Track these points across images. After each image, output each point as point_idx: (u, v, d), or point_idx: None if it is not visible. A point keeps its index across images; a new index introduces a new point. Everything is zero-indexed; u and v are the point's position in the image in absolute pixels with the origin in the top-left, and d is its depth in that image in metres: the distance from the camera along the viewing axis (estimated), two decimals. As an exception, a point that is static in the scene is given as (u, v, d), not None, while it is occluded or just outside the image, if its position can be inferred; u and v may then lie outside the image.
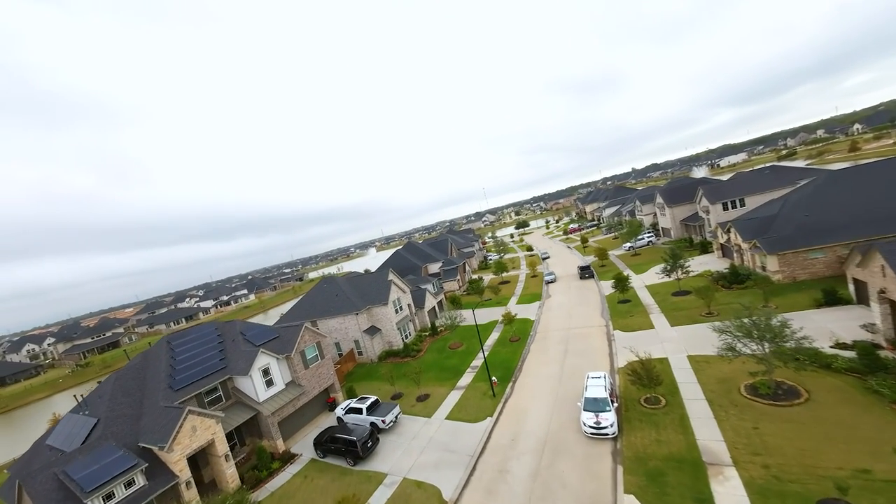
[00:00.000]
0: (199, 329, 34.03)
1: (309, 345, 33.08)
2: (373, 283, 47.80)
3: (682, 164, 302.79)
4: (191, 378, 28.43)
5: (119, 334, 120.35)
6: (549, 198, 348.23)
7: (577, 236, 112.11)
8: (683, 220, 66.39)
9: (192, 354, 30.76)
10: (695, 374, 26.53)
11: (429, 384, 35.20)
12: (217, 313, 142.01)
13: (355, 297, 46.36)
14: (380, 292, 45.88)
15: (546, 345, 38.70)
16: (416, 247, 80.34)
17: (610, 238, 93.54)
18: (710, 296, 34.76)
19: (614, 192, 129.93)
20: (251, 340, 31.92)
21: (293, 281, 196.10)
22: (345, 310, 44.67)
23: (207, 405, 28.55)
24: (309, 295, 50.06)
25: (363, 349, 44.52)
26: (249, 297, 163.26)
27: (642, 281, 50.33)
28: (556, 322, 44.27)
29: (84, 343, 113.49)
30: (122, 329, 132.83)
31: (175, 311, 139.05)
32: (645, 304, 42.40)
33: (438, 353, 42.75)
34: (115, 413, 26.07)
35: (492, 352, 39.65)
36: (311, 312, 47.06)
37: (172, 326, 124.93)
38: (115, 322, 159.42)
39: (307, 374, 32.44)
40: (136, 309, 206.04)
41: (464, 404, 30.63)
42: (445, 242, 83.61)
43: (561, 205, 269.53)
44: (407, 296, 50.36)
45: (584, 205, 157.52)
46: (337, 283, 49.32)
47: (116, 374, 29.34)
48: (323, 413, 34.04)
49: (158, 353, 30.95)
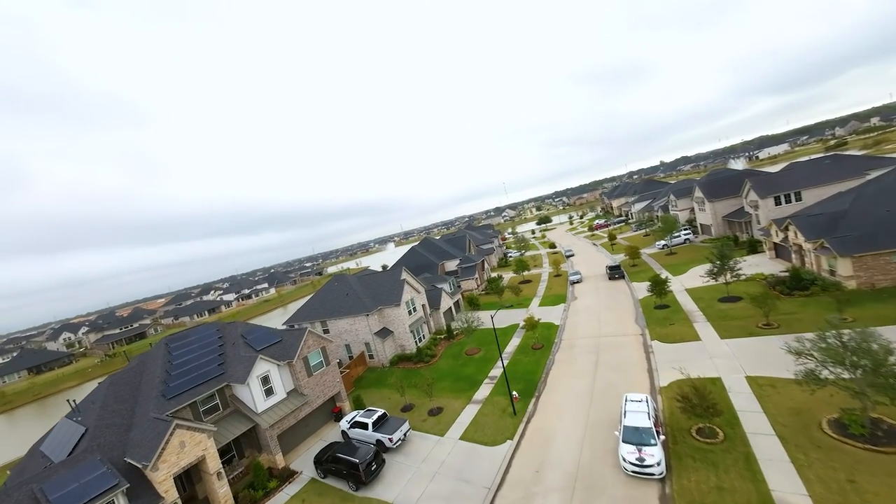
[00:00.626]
0: (199, 330, 32.12)
1: (313, 350, 30.56)
2: (385, 282, 45.03)
3: (716, 157, 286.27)
4: (185, 385, 26.37)
5: (146, 325, 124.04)
6: (572, 192, 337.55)
7: (603, 233, 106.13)
8: (726, 216, 60.27)
9: (190, 359, 28.76)
10: (758, 401, 22.18)
11: (442, 395, 32.12)
12: (238, 307, 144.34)
13: (366, 297, 43.73)
14: (392, 292, 43.05)
15: (573, 354, 34.82)
16: (433, 243, 77.25)
17: (640, 235, 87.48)
18: (768, 304, 29.90)
19: (644, 186, 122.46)
20: (251, 344, 29.68)
21: (312, 275, 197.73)
22: (355, 310, 42.13)
23: (203, 414, 26.46)
24: (319, 293, 47.85)
25: (374, 352, 41.91)
26: (270, 290, 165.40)
27: (681, 283, 45.34)
28: (584, 328, 40.17)
29: (113, 333, 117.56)
30: (149, 320, 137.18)
31: (199, 303, 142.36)
32: (686, 310, 37.70)
33: (454, 359, 39.58)
34: (105, 422, 24.25)
35: (512, 360, 36.12)
36: (321, 312, 44.82)
37: (196, 318, 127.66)
38: (145, 313, 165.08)
39: (311, 383, 29.94)
40: (166, 300, 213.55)
41: (480, 422, 27.35)
42: (463, 239, 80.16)
43: (585, 200, 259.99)
44: (421, 296, 47.37)
45: (610, 200, 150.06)
46: (348, 281, 46.85)
47: (111, 378, 27.70)
48: (328, 424, 31.57)
49: (156, 357, 29.13)
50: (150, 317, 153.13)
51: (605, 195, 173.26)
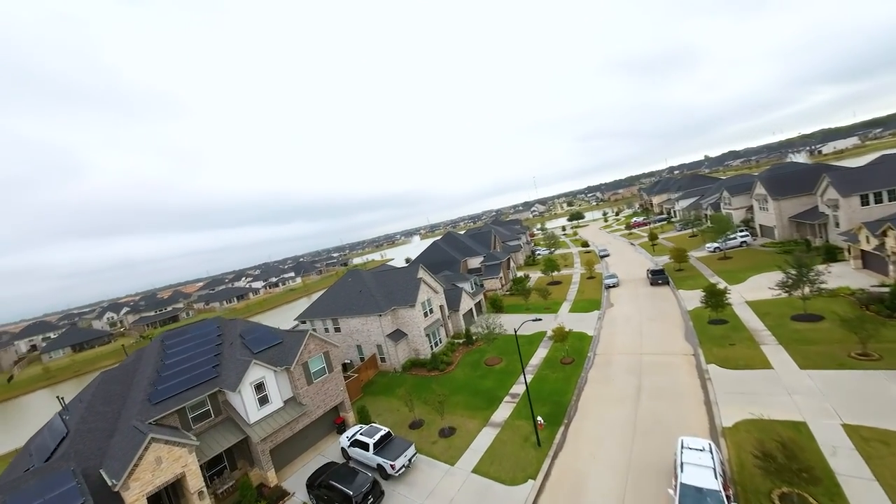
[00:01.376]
0: (198, 327, 30.05)
1: (314, 355, 27.65)
2: (401, 280, 41.68)
3: (771, 151, 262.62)
4: (175, 389, 24.14)
5: (178, 309, 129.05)
6: (607, 188, 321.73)
7: (642, 231, 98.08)
8: (794, 216, 52.27)
9: (184, 358, 26.62)
10: (866, 463, 16.86)
11: (456, 412, 28.46)
12: (265, 294, 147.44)
13: (380, 296, 40.61)
14: (407, 292, 39.65)
15: (610, 373, 30.05)
16: (456, 238, 73.30)
17: (685, 235, 79.39)
18: (867, 328, 23.85)
19: (689, 182, 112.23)
20: (249, 346, 27.14)
21: (338, 266, 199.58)
22: (368, 309, 39.13)
23: (193, 422, 24.17)
24: (333, 289, 45.31)
25: (386, 355, 38.82)
26: (296, 279, 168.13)
27: (741, 294, 38.97)
28: (623, 342, 35.09)
29: (149, 316, 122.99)
30: (182, 304, 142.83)
31: (229, 289, 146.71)
32: (750, 328, 31.79)
33: (472, 368, 35.75)
34: (88, 426, 22.39)
35: (537, 376, 31.82)
36: (334, 309, 42.24)
37: (225, 304, 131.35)
38: (181, 296, 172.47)
39: (311, 391, 27.08)
40: (202, 285, 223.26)
41: (498, 451, 23.45)
42: (488, 234, 75.66)
43: (620, 195, 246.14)
44: (439, 296, 43.70)
45: (650, 196, 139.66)
46: (362, 277, 43.93)
47: (103, 375, 26.00)
48: (330, 435, 28.73)
49: (150, 355, 27.26)
50: (186, 300, 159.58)
51: (643, 191, 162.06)
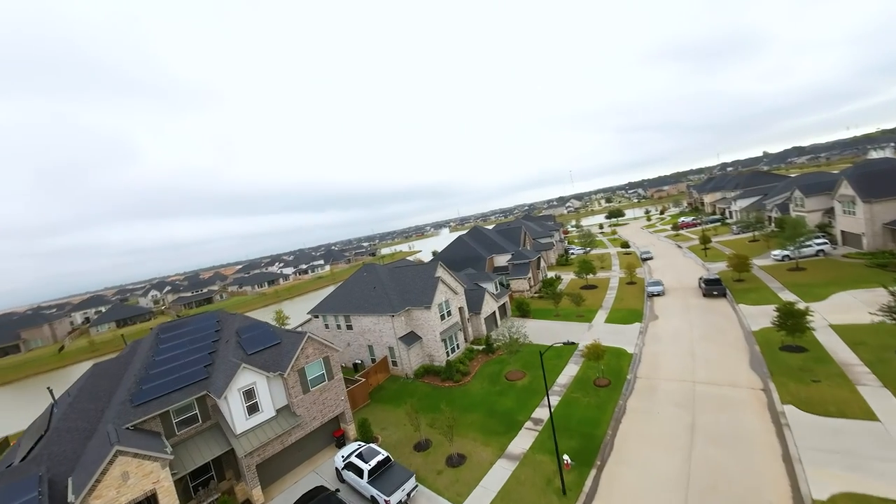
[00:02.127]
0: (197, 320, 28.19)
1: (312, 360, 24.88)
2: (417, 278, 38.28)
3: (845, 148, 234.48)
4: (160, 389, 22.16)
5: (213, 291, 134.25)
6: (650, 184, 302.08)
7: (691, 233, 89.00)
8: (889, 223, 43.54)
9: (177, 355, 24.71)
10: None
11: (468, 436, 24.86)
12: (295, 280, 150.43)
13: (394, 294, 37.47)
14: (423, 292, 36.20)
15: (654, 403, 25.18)
16: (483, 233, 68.94)
17: (744, 240, 70.38)
18: None
19: (749, 179, 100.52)
20: (243, 346, 24.79)
21: (366, 255, 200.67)
22: (381, 308, 36.15)
23: (177, 427, 22.14)
24: (347, 283, 42.76)
25: (398, 359, 35.76)
26: (325, 267, 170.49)
27: (822, 316, 32.24)
28: (671, 365, 29.82)
29: (186, 296, 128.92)
30: (217, 286, 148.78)
31: (260, 274, 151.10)
32: (839, 361, 25.58)
33: (490, 382, 31.87)
34: (68, 424, 20.82)
35: (565, 399, 27.44)
36: (346, 305, 39.69)
37: (256, 288, 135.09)
38: (217, 279, 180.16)
39: (307, 401, 24.38)
40: (239, 268, 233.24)
41: (514, 494, 19.61)
42: (518, 230, 70.65)
43: (665, 193, 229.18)
44: (459, 297, 39.93)
45: (700, 194, 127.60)
46: (377, 273, 40.97)
47: (94, 368, 24.59)
48: (328, 448, 26.04)
49: (144, 348, 25.60)
50: (222, 283, 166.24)
51: (693, 188, 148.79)
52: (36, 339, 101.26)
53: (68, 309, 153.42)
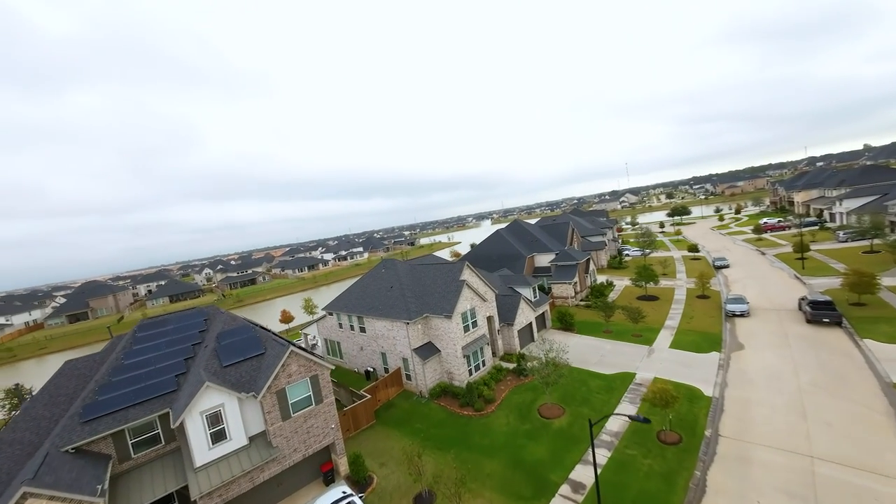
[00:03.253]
0: (182, 318, 24.88)
1: (296, 380, 20.35)
2: (439, 279, 32.69)
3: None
4: (118, 402, 18.78)
5: (257, 273, 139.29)
6: (721, 179, 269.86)
7: (778, 237, 74.73)
8: None
9: (149, 359, 21.38)
10: None
11: (483, 494, 19.20)
12: (333, 266, 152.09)
13: (412, 297, 32.28)
14: (445, 297, 30.59)
15: (749, 484, 17.75)
16: (524, 228, 61.55)
17: (856, 250, 56.58)
18: None
19: (858, 176, 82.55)
20: (219, 355, 20.83)
21: (405, 245, 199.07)
22: (395, 312, 31.19)
23: (134, 448, 18.69)
24: (363, 280, 38.35)
25: (412, 373, 30.70)
26: (363, 255, 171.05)
27: None
28: (770, 423, 21.74)
29: (232, 276, 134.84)
30: (261, 268, 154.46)
31: (301, 258, 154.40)
32: None
33: (519, 416, 25.74)
34: (13, 435, 18.06)
35: (617, 458, 20.66)
36: (359, 304, 35.27)
37: (296, 272, 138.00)
38: (266, 260, 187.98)
39: (286, 429, 19.96)
40: (286, 250, 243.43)
41: None
42: (565, 226, 62.39)
43: (739, 189, 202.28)
44: (489, 305, 33.83)
45: (788, 191, 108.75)
46: (397, 270, 35.99)
47: (65, 365, 21.92)
48: (314, 484, 21.63)
49: (117, 347, 22.59)
50: (268, 264, 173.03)
51: (778, 185, 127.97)
52: (102, 308, 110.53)
53: (139, 279, 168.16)
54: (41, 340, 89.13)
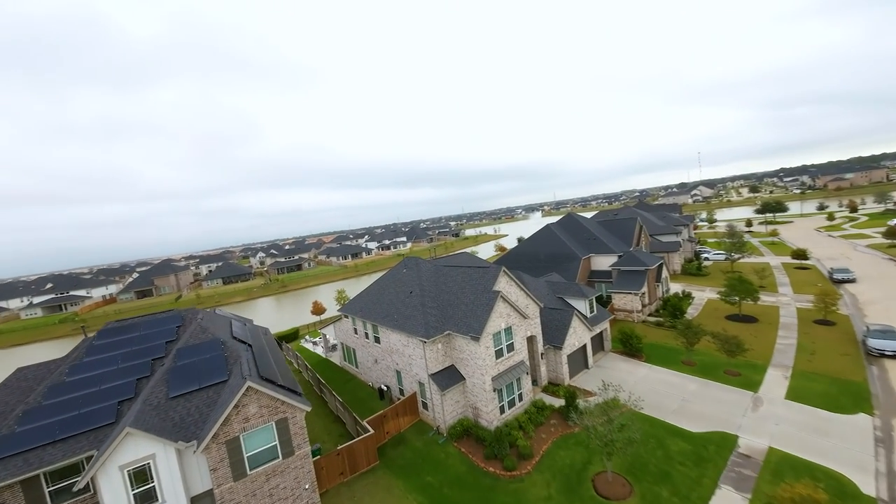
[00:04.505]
0: (152, 324, 20.87)
1: (256, 426, 15.11)
2: (468, 286, 25.97)
3: None
4: (38, 437, 14.82)
5: (303, 259, 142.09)
6: (820, 170, 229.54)
7: (920, 245, 57.52)
8: None
9: (96, 376, 17.41)
10: None
11: None
12: (376, 255, 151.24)
13: (433, 307, 26.02)
14: (473, 311, 23.90)
15: None
16: (579, 224, 52.30)
17: None
18: None
19: None
20: (169, 380, 16.20)
21: (449, 236, 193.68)
22: (411, 326, 25.23)
23: (52, 498, 14.64)
24: (383, 280, 32.89)
25: (429, 403, 24.66)
26: (407, 245, 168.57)
27: None
28: None
29: (280, 261, 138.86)
30: (309, 254, 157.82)
31: (346, 246, 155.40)
32: None
33: (564, 489, 18.60)
34: (-75, 465, 14.74)
35: None
36: (375, 309, 29.85)
37: (340, 260, 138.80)
38: (315, 246, 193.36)
39: (240, 492, 14.84)
40: (334, 237, 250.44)
41: None
42: (631, 223, 52.15)
43: (849, 182, 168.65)
44: (530, 323, 26.53)
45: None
46: (419, 271, 29.90)
47: (16, 373, 18.69)
48: (282, 556, 16.47)
49: (69, 358, 18.97)
50: (316, 250, 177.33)
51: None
52: (164, 286, 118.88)
53: (206, 260, 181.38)
54: (110, 314, 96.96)
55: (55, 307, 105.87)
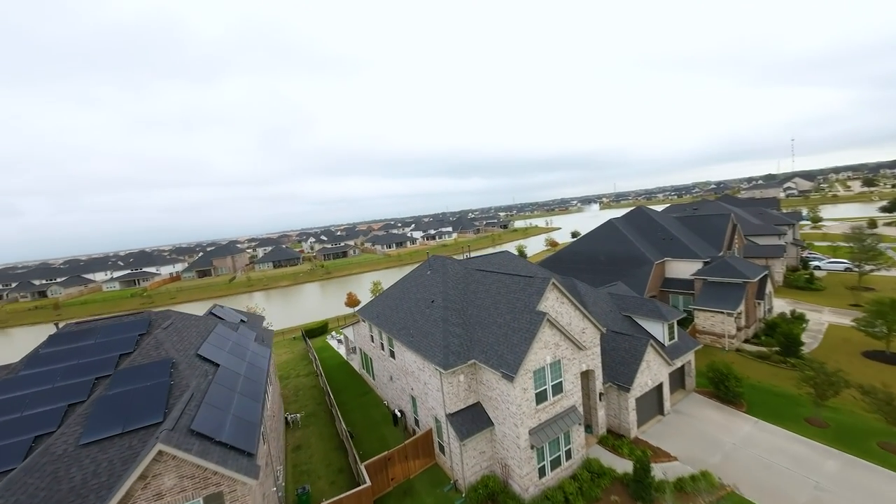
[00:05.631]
0: (113, 329, 17.36)
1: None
2: (502, 300, 19.68)
3: None
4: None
5: (349, 246, 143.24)
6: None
7: None
8: None
9: (25, 398, 14.08)
10: None
11: None
12: (421, 245, 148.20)
13: (457, 323, 20.21)
14: (508, 338, 17.69)
15: None
16: (651, 219, 42.88)
17: None
18: None
19: None
20: (89, 419, 12.22)
21: (497, 227, 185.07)
22: (428, 345, 19.75)
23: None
24: (404, 282, 27.72)
25: (446, 448, 19.10)
26: (452, 235, 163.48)
27: None
28: None
29: (328, 247, 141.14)
30: (353, 242, 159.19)
31: (391, 235, 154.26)
32: None
33: None
34: None
35: None
36: (391, 318, 24.83)
37: (384, 248, 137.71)
38: (362, 233, 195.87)
39: None
40: (381, 225, 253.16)
41: None
42: (720, 220, 41.73)
43: None
44: (587, 354, 19.63)
45: None
46: (445, 274, 24.12)
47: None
48: None
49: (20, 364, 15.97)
50: (364, 237, 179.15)
51: None
52: (222, 267, 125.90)
53: (265, 242, 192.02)
54: (172, 291, 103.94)
55: (130, 282, 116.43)
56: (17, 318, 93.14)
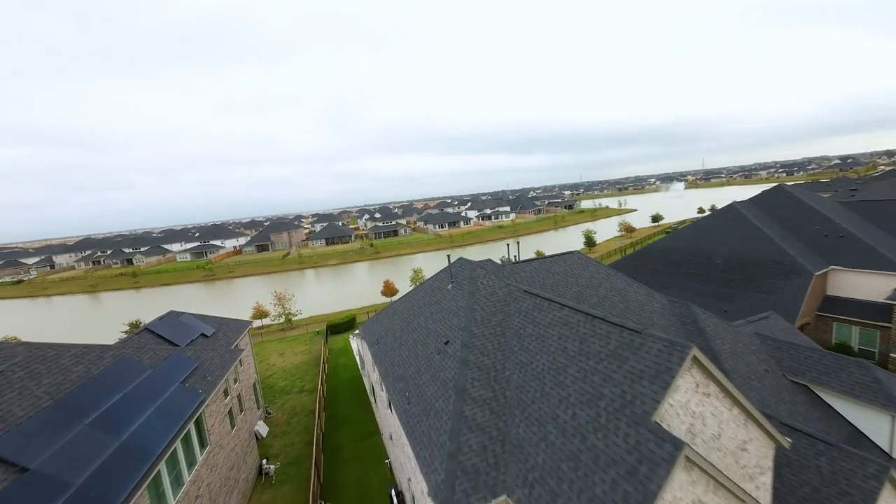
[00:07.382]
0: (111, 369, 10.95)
1: None
2: (579, 376, 10.07)
3: None
4: None
5: (400, 224, 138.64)
6: None
7: None
8: None
9: None
10: None
11: None
12: (475, 226, 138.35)
13: (481, 403, 11.04)
14: (583, 469, 8.15)
15: None
16: (803, 205, 28.67)
17: None
18: None
19: None
20: None
21: (561, 207, 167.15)
22: (423, 438, 11.03)
23: None
24: (415, 296, 19.08)
25: None
26: (510, 215, 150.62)
27: None
28: None
29: (379, 225, 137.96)
30: (404, 221, 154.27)
31: (441, 214, 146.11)
32: None
33: None
34: None
35: None
36: (393, 351, 16.50)
37: (437, 228, 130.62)
38: (417, 210, 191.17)
39: None
40: (436, 203, 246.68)
41: None
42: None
43: None
44: (751, 486, 9.33)
45: None
46: (476, 294, 14.86)
47: None
48: None
49: None
50: (419, 215, 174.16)
51: None
52: (279, 242, 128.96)
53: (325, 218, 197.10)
54: (231, 265, 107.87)
55: (199, 253, 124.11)
56: (105, 282, 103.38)
